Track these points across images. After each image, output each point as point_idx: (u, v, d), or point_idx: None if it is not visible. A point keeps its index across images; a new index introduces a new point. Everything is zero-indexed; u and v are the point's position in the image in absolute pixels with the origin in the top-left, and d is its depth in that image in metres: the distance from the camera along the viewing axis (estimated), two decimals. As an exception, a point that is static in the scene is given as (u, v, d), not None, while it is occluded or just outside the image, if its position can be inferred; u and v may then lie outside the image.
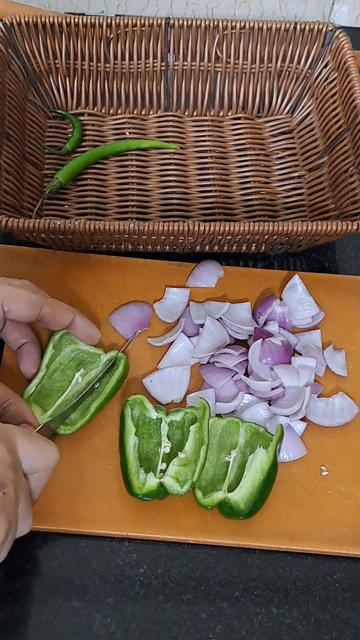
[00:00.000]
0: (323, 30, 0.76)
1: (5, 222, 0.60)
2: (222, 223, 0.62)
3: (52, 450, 0.51)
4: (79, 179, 0.75)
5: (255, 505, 0.54)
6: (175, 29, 0.76)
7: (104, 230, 0.61)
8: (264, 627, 0.53)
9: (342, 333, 0.66)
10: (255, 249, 0.70)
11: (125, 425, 0.56)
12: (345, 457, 0.59)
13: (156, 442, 0.57)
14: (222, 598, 0.54)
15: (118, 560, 0.55)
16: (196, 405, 0.58)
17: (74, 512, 0.55)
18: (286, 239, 0.67)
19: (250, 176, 0.77)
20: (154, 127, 0.80)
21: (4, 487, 0.45)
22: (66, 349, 0.61)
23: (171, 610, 0.53)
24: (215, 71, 0.79)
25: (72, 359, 0.61)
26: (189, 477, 0.55)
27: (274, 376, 0.60)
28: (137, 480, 0.54)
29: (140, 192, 0.75)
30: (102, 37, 0.76)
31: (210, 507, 0.55)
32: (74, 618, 0.52)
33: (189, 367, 0.62)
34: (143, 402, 0.58)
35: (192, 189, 0.75)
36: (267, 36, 0.77)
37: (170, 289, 0.66)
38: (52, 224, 0.61)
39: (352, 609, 0.54)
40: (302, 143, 0.79)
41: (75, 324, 0.60)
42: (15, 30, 0.74)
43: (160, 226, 0.61)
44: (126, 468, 0.55)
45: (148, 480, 0.55)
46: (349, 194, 0.69)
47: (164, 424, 0.58)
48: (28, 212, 0.70)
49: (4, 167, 0.68)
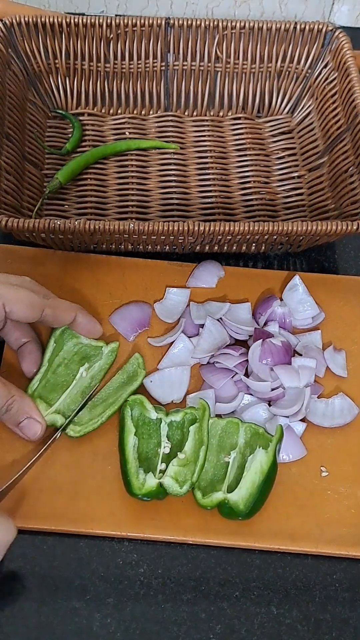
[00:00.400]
0: (323, 30, 0.76)
1: (5, 222, 0.60)
2: (222, 223, 0.62)
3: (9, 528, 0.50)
4: (78, 179, 0.75)
5: (255, 505, 0.54)
6: (175, 28, 0.76)
7: (104, 230, 0.61)
8: (264, 627, 0.53)
9: (343, 333, 0.66)
10: (255, 249, 0.70)
11: (125, 426, 0.56)
12: (345, 457, 0.59)
13: (156, 442, 0.57)
14: (222, 598, 0.54)
15: (118, 560, 0.55)
16: (196, 406, 0.59)
17: (74, 512, 0.55)
18: (286, 239, 0.67)
19: (250, 176, 0.77)
20: (154, 127, 0.80)
21: None
22: (68, 343, 0.61)
23: (171, 610, 0.53)
24: (215, 71, 0.79)
25: (76, 353, 0.61)
26: (188, 477, 0.55)
27: (274, 377, 0.60)
28: (137, 481, 0.54)
29: (140, 192, 0.75)
30: (102, 37, 0.76)
31: (209, 508, 0.55)
32: (74, 618, 0.52)
33: (189, 368, 0.62)
34: (143, 403, 0.58)
35: (192, 189, 0.75)
36: (267, 36, 0.77)
37: (170, 289, 0.66)
38: (52, 224, 0.61)
39: (352, 609, 0.54)
40: (302, 143, 0.79)
41: (77, 322, 0.60)
42: (15, 30, 0.74)
43: (160, 226, 0.61)
44: (126, 468, 0.55)
45: (147, 480, 0.55)
46: (349, 194, 0.69)
47: (164, 425, 0.58)
48: (28, 212, 0.70)
49: (4, 167, 0.68)
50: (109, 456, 0.57)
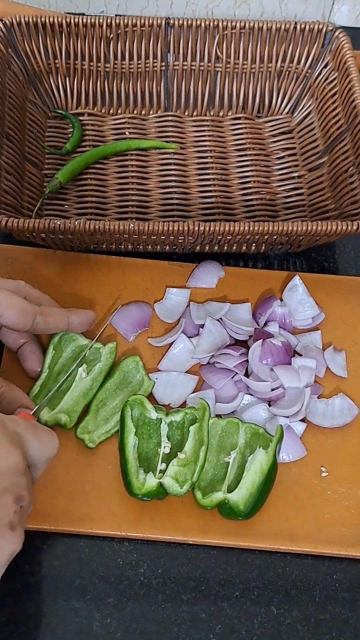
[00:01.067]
0: (323, 30, 0.76)
1: (5, 222, 0.60)
2: (223, 223, 0.62)
3: (53, 441, 0.50)
4: (78, 179, 0.75)
5: (255, 505, 0.54)
6: (175, 28, 0.76)
7: (104, 230, 0.61)
8: (264, 627, 0.53)
9: (343, 334, 0.66)
10: (256, 249, 0.70)
11: (125, 426, 0.56)
12: (345, 458, 0.59)
13: (156, 442, 0.57)
14: (222, 598, 0.54)
15: (118, 560, 0.55)
16: (196, 406, 0.59)
17: (74, 512, 0.55)
18: (286, 239, 0.67)
19: (250, 176, 0.77)
20: (154, 127, 0.80)
21: (21, 500, 0.44)
22: (67, 349, 0.61)
23: (171, 610, 0.53)
24: (215, 71, 0.79)
25: (74, 358, 0.61)
26: (188, 477, 0.55)
27: (274, 377, 0.60)
28: (137, 481, 0.54)
29: (140, 192, 0.75)
30: (102, 37, 0.76)
31: (209, 508, 0.55)
32: (74, 618, 0.52)
33: (197, 378, 0.62)
34: (143, 403, 0.58)
35: (192, 189, 0.75)
36: (267, 36, 0.77)
37: (170, 289, 0.66)
38: (52, 224, 0.61)
39: (352, 609, 0.54)
40: (302, 143, 0.79)
41: (72, 325, 0.60)
42: (15, 30, 0.74)
43: (160, 226, 0.61)
44: (126, 468, 0.55)
45: (147, 480, 0.55)
46: (349, 194, 0.69)
47: (164, 425, 0.58)
48: (28, 212, 0.70)
49: (4, 167, 0.68)
50: (108, 456, 0.57)
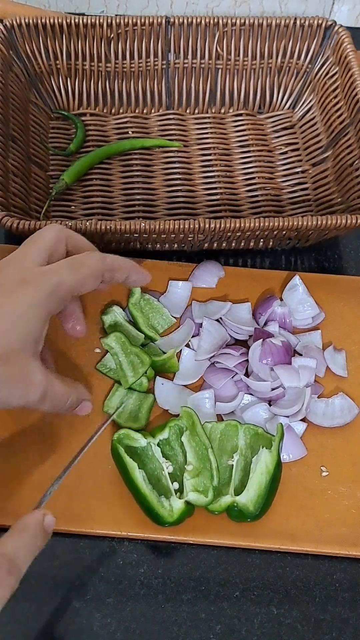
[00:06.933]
0: (323, 25, 0.75)
1: (16, 224, 0.59)
2: (233, 220, 0.61)
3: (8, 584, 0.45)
4: (84, 179, 0.75)
5: (264, 506, 0.54)
6: (175, 27, 0.76)
7: (115, 230, 0.61)
8: (264, 627, 0.53)
9: (343, 334, 0.65)
10: (263, 245, 0.70)
11: (127, 464, 0.54)
12: (345, 457, 0.59)
13: (155, 466, 0.56)
14: (222, 598, 0.54)
15: (118, 560, 0.55)
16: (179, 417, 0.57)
17: (74, 512, 0.55)
18: (295, 234, 0.67)
19: (254, 172, 0.76)
20: (157, 126, 0.80)
21: None
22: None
23: (171, 610, 0.53)
24: (216, 68, 0.79)
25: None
26: (208, 484, 0.54)
27: (274, 376, 0.60)
28: (164, 510, 0.53)
29: (145, 191, 0.75)
30: (103, 36, 0.76)
31: (217, 513, 0.54)
32: (74, 618, 0.53)
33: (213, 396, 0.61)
34: (129, 435, 0.56)
35: (198, 186, 0.75)
36: (267, 32, 0.76)
37: (173, 282, 0.66)
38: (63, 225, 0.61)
39: (352, 609, 0.54)
40: (305, 138, 0.78)
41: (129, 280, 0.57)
42: (15, 31, 0.74)
43: (171, 225, 0.61)
44: (146, 502, 0.53)
45: (173, 504, 0.53)
46: (356, 187, 0.69)
47: (155, 447, 0.57)
48: (36, 214, 0.70)
49: (12, 169, 0.68)
50: (108, 457, 0.57)
